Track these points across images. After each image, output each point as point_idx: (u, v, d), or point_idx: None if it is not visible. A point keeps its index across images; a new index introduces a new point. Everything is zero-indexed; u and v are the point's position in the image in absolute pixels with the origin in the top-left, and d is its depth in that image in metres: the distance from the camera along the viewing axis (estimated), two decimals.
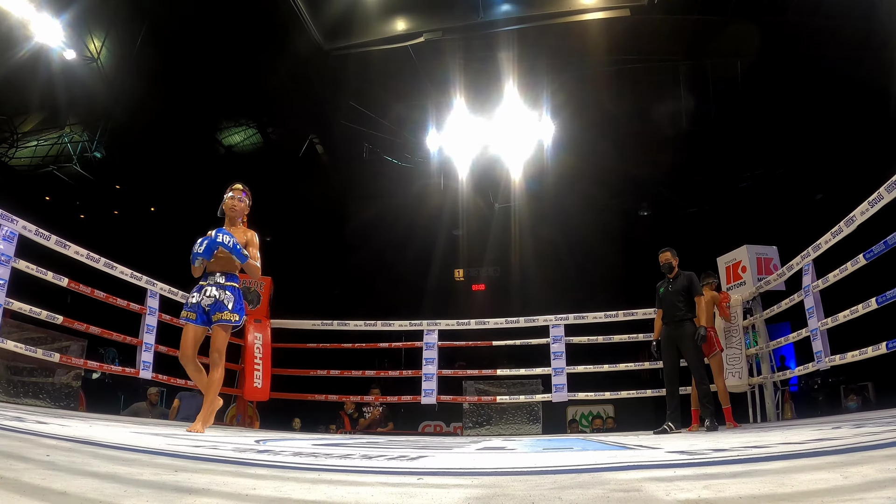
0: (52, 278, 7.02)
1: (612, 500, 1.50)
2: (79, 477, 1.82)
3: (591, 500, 1.51)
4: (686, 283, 7.89)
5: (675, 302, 7.88)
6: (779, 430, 5.28)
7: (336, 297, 20.32)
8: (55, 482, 1.64)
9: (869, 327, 7.00)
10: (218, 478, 2.02)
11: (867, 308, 6.40)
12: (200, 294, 5.73)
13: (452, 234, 19.12)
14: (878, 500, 1.36)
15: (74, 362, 8.52)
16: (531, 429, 12.20)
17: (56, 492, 1.51)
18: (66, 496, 1.47)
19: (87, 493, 1.53)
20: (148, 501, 1.48)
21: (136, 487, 1.69)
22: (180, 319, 5.72)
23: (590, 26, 13.26)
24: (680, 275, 8.00)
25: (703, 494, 1.51)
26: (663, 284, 8.12)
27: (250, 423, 10.17)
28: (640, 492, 1.62)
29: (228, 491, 1.69)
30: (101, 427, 4.53)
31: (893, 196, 5.84)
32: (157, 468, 2.18)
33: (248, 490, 1.71)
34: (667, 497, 1.50)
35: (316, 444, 4.72)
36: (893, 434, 3.02)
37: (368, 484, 2.00)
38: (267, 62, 14.55)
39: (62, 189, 16.90)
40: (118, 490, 1.61)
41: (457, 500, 1.56)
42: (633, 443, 4.51)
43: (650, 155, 16.21)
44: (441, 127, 15.24)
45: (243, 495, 1.62)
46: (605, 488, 1.67)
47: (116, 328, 8.19)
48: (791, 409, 11.00)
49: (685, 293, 7.87)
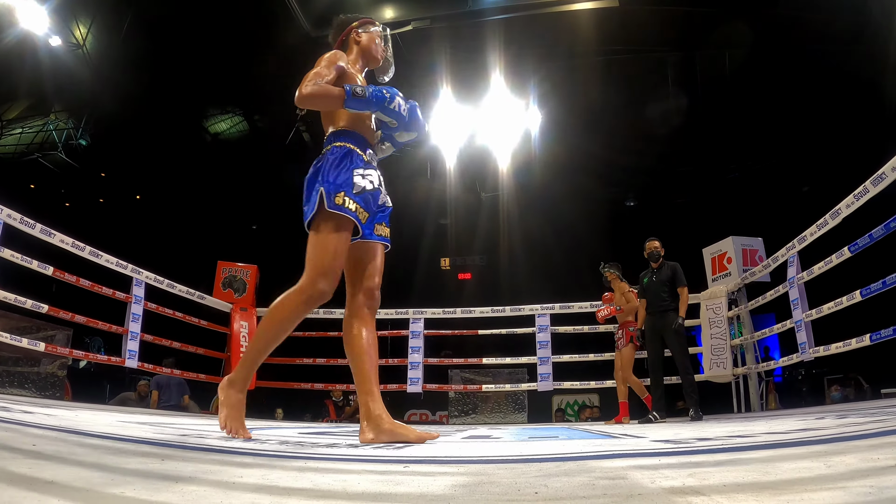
0: (37, 267, 6.98)
1: (597, 487, 1.51)
2: (66, 466, 1.82)
3: (576, 488, 1.52)
4: (670, 274, 8.01)
5: (659, 292, 8.02)
6: (763, 420, 5.31)
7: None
8: (42, 472, 1.63)
9: (853, 319, 7.06)
10: (205, 466, 2.03)
11: (851, 300, 6.45)
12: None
13: (439, 223, 19.13)
14: (860, 489, 1.37)
15: (60, 351, 8.50)
16: (517, 417, 12.25)
17: (44, 481, 1.50)
18: (54, 485, 1.47)
19: (75, 482, 1.53)
20: (135, 489, 1.47)
21: (124, 476, 1.68)
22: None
23: (579, 16, 13.22)
24: (665, 265, 8.12)
25: (687, 482, 1.52)
26: (647, 274, 8.26)
27: None
28: (626, 479, 1.63)
29: (216, 479, 1.69)
30: (88, 416, 4.51)
31: (879, 190, 5.88)
32: (144, 457, 2.18)
33: (235, 478, 1.71)
34: (651, 484, 1.51)
35: (302, 432, 4.72)
36: (877, 424, 3.05)
37: (355, 472, 2.00)
38: (254, 49, 14.49)
39: (47, 177, 16.81)
40: (105, 478, 1.60)
41: (443, 488, 1.57)
42: (617, 432, 4.54)
43: (637, 146, 16.25)
44: (428, 116, 15.20)
45: (230, 483, 1.62)
46: (590, 476, 1.68)
47: (102, 317, 8.16)
48: (775, 399, 11.06)
49: (670, 283, 7.99)
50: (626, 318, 8.61)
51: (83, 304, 8.63)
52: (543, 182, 17.19)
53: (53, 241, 7.21)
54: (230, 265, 10.72)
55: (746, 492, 1.40)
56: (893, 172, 5.57)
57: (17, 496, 1.33)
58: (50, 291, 10.98)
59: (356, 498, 1.45)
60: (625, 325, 8.56)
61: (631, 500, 1.36)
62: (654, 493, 1.42)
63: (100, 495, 1.42)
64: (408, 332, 10.53)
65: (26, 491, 1.39)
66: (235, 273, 10.56)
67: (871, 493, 1.34)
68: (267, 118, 18.25)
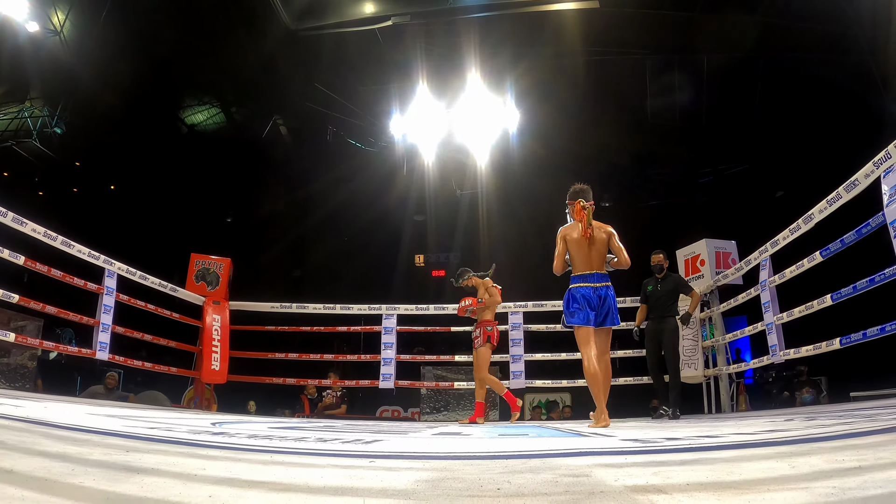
0: (9, 256, 6.88)
1: (560, 484, 1.51)
2: (27, 456, 1.81)
3: (539, 485, 1.52)
4: (673, 286, 8.47)
5: (664, 302, 8.44)
6: (732, 421, 5.36)
7: (296, 280, 20.28)
8: (2, 461, 1.62)
9: (823, 323, 7.13)
10: (169, 458, 2.01)
11: (822, 304, 6.52)
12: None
13: (415, 219, 19.13)
14: (823, 489, 1.38)
15: (30, 342, 8.40)
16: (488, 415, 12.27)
17: (3, 470, 1.49)
18: (13, 474, 1.46)
19: (35, 471, 1.52)
20: (95, 480, 1.46)
21: (85, 467, 1.67)
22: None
23: (558, 16, 13.22)
24: (668, 276, 8.58)
25: (651, 480, 1.53)
26: (651, 283, 8.63)
27: (207, 406, 10.11)
28: (589, 477, 1.64)
29: (177, 471, 1.68)
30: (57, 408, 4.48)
31: (852, 196, 5.94)
32: (109, 448, 2.16)
33: (198, 470, 1.70)
34: (615, 483, 1.52)
35: (272, 426, 4.70)
36: (844, 427, 3.08)
37: (320, 466, 2.00)
38: (233, 41, 14.39)
39: (21, 165, 16.61)
40: (66, 469, 1.59)
41: (406, 483, 1.57)
42: (588, 430, 4.56)
43: (613, 146, 16.31)
44: (405, 112, 15.18)
45: (192, 475, 1.61)
46: (554, 473, 1.69)
47: (73, 308, 8.06)
48: (745, 401, 11.16)
49: (673, 294, 8.45)
50: (483, 318, 8.46)
51: (54, 294, 8.52)
52: (521, 179, 17.19)
53: (25, 230, 7.10)
54: (203, 258, 10.64)
55: (709, 490, 1.41)
56: (866, 179, 5.62)
57: None
58: (21, 281, 10.87)
59: (318, 492, 1.45)
60: (482, 325, 8.41)
61: (592, 497, 1.37)
62: (616, 490, 1.43)
63: (59, 485, 1.41)
64: (381, 328, 10.49)
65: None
66: (209, 266, 10.49)
67: (834, 493, 1.35)
68: (244, 110, 18.14)
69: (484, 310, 8.47)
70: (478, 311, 8.50)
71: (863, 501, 1.30)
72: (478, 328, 8.45)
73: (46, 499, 1.30)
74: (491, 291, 8.55)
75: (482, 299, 8.46)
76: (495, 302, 8.55)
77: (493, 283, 8.69)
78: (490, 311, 8.52)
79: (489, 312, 8.52)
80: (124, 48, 14.30)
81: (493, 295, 8.52)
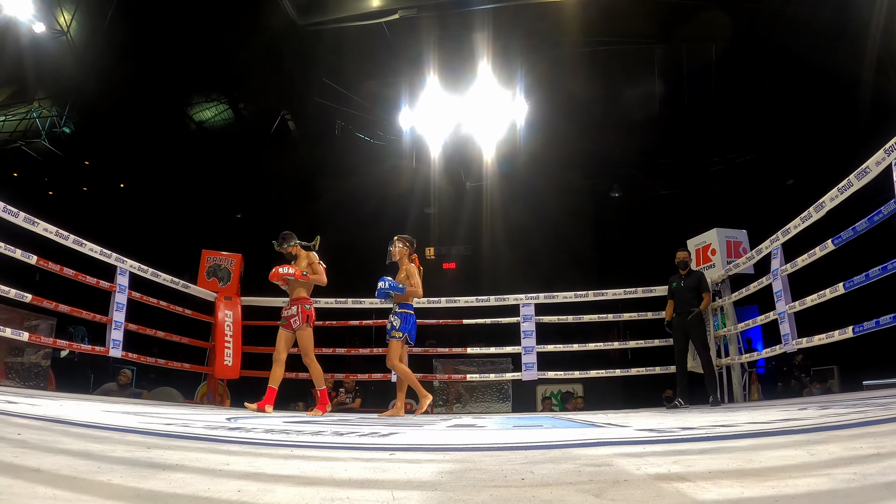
0: (21, 256, 6.91)
1: (583, 473, 1.52)
2: (51, 454, 1.82)
3: (562, 474, 1.53)
4: (696, 283, 8.97)
5: (686, 296, 8.96)
6: (746, 411, 5.35)
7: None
8: (28, 459, 1.63)
9: (836, 312, 7.11)
10: (191, 454, 2.03)
11: (835, 293, 6.49)
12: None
13: (424, 212, 19.11)
14: (844, 476, 1.39)
15: (44, 341, 8.44)
16: (501, 407, 12.30)
17: (29, 469, 1.50)
18: (40, 473, 1.47)
19: (61, 469, 1.53)
20: (122, 477, 1.47)
21: (110, 464, 1.68)
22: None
23: (565, 7, 13.20)
24: (692, 273, 9.10)
25: (673, 469, 1.53)
26: (676, 279, 9.15)
27: (220, 402, 10.13)
28: (611, 466, 1.64)
29: (202, 466, 1.69)
30: (73, 406, 4.50)
31: (863, 183, 5.91)
32: (130, 445, 2.18)
33: (222, 465, 1.71)
34: (637, 471, 1.52)
35: (287, 421, 4.72)
36: (859, 415, 3.08)
37: (341, 459, 2.01)
38: (240, 37, 14.40)
39: (31, 165, 16.65)
40: (92, 467, 1.60)
41: (429, 474, 1.58)
42: (601, 421, 4.56)
43: (622, 137, 16.25)
44: (414, 105, 15.15)
45: (217, 470, 1.62)
46: (576, 463, 1.69)
47: (86, 306, 8.08)
48: (758, 390, 11.13)
49: (695, 290, 8.94)
50: (300, 295, 7.67)
51: (67, 293, 8.55)
52: (528, 172, 17.17)
53: (37, 229, 7.12)
54: (214, 254, 10.65)
55: (731, 478, 1.42)
56: (878, 167, 5.59)
57: (3, 484, 1.33)
58: (33, 281, 10.90)
59: (344, 485, 1.46)
60: (299, 302, 7.61)
61: (617, 485, 1.37)
62: (641, 479, 1.44)
63: (88, 483, 1.42)
64: None
65: (12, 479, 1.38)
66: (220, 262, 10.51)
67: (856, 479, 1.35)
68: (252, 106, 18.15)
69: (303, 285, 7.70)
70: (291, 286, 7.73)
71: (885, 487, 1.30)
72: (294, 305, 7.62)
73: (77, 497, 1.31)
74: (316, 269, 7.72)
75: (306, 272, 7.63)
76: (321, 281, 7.76)
77: (318, 258, 7.85)
78: (307, 289, 7.77)
79: (307, 290, 7.76)
80: (131, 46, 14.34)
81: (320, 273, 7.73)
